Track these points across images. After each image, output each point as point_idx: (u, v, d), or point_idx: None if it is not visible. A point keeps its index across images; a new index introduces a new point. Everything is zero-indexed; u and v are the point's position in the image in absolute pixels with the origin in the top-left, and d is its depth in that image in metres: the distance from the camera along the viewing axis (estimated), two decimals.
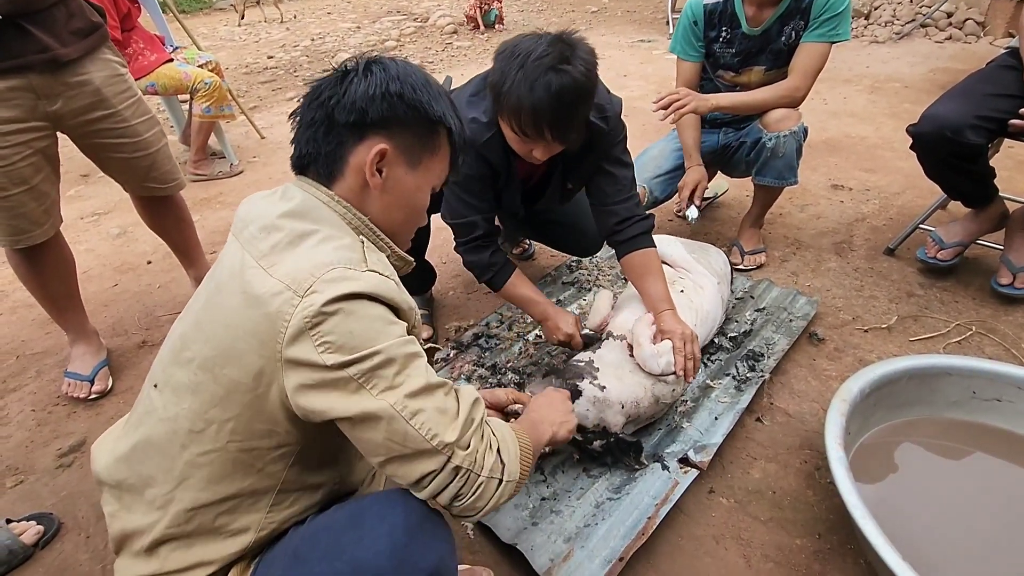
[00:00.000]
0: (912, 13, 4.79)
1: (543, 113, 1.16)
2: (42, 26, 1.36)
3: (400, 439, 0.69)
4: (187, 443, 0.74)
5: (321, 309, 0.66)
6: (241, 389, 0.71)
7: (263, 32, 7.29)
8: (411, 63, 0.84)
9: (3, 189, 1.41)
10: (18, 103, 1.37)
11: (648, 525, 1.14)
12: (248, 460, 0.75)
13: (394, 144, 0.80)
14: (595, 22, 6.28)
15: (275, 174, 3.21)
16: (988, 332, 1.67)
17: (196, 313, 0.78)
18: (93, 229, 2.71)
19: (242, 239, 0.77)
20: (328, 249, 0.73)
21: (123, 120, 1.56)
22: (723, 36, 1.84)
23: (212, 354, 0.73)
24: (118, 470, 0.79)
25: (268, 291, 0.69)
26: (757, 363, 1.54)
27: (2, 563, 1.20)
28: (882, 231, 2.20)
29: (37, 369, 1.82)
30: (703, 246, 1.74)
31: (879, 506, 1.12)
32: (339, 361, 0.67)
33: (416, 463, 0.71)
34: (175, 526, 0.75)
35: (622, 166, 1.47)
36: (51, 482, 1.43)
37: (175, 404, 0.75)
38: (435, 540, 0.72)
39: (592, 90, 1.22)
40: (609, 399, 1.24)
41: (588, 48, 1.20)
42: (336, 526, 0.73)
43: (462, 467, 0.72)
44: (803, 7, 1.71)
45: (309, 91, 0.82)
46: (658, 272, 1.44)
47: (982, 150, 1.62)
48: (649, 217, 1.50)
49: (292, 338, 0.67)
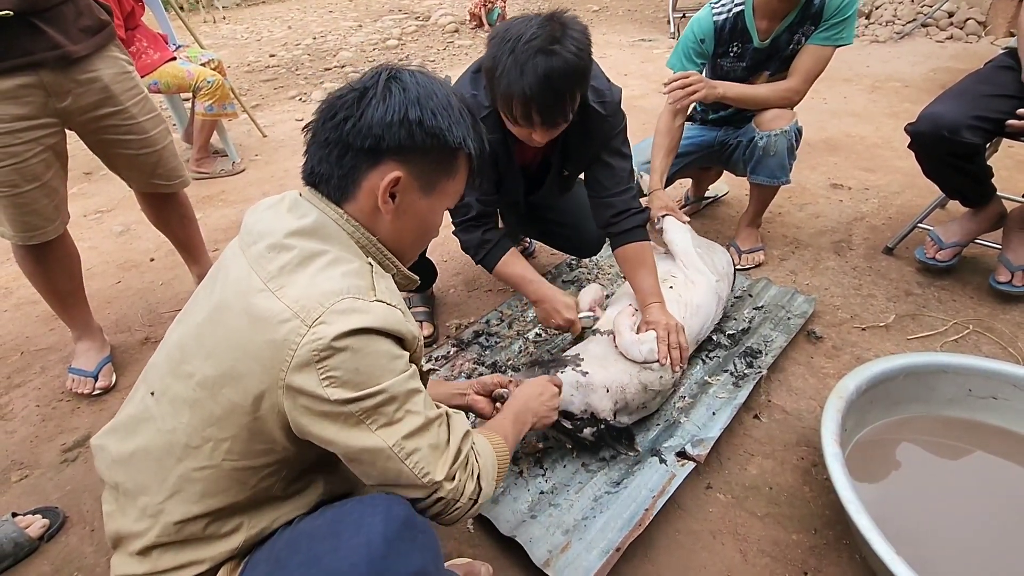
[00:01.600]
0: (913, 13, 4.79)
1: (533, 97, 1.15)
2: (52, 23, 1.38)
3: (394, 476, 0.74)
4: (183, 456, 0.75)
5: (331, 344, 0.67)
6: (239, 411, 0.72)
7: (265, 31, 7.30)
8: (432, 78, 0.82)
9: (15, 186, 1.42)
10: (29, 100, 1.38)
11: (645, 517, 1.15)
12: (242, 478, 0.75)
13: (409, 170, 0.79)
14: (596, 21, 6.28)
15: (276, 172, 3.22)
16: (985, 331, 1.68)
17: (198, 326, 0.77)
18: (96, 226, 2.73)
19: (250, 256, 0.76)
20: (337, 275, 0.73)
21: (130, 117, 1.58)
22: (733, 51, 1.84)
23: (212, 373, 0.72)
24: (116, 472, 0.80)
25: (275, 316, 0.69)
26: (755, 360, 1.55)
27: (8, 556, 1.22)
28: (881, 230, 2.21)
29: (42, 365, 1.84)
30: (710, 244, 1.75)
31: (874, 502, 1.13)
32: (343, 398, 0.68)
33: (405, 491, 0.76)
34: (165, 535, 0.75)
35: (621, 157, 1.48)
36: (56, 477, 1.44)
37: (173, 417, 0.75)
38: (415, 549, 0.69)
39: (585, 70, 1.20)
40: (593, 383, 1.25)
41: (580, 27, 1.19)
42: (316, 533, 0.73)
43: (445, 498, 0.77)
44: (813, 12, 1.71)
45: (325, 107, 0.80)
46: (650, 266, 1.46)
47: (979, 149, 1.63)
48: (645, 211, 1.52)
49: (297, 368, 0.68)
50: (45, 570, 1.23)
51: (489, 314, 1.84)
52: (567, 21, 1.17)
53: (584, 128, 1.38)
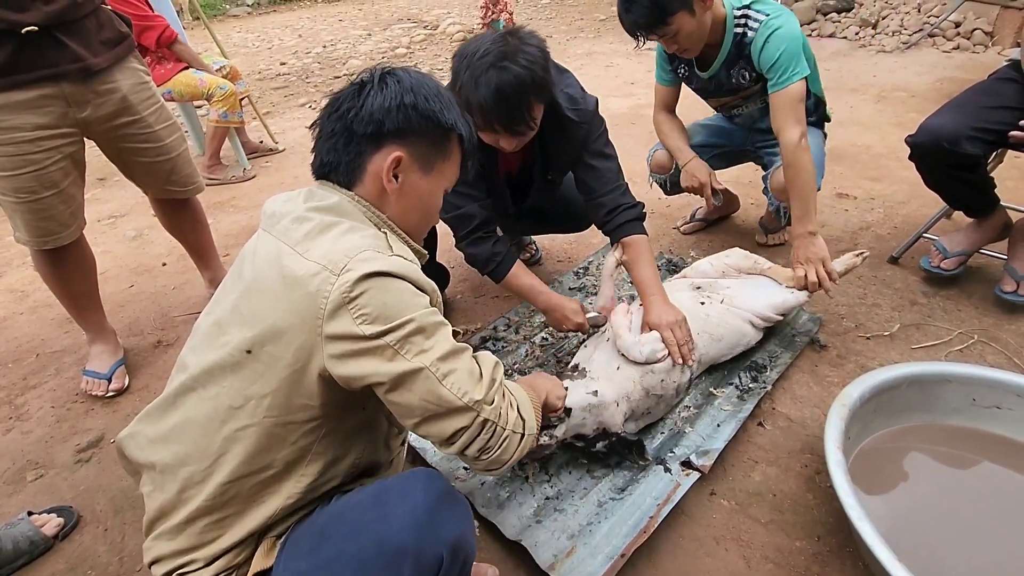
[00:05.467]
0: (920, 23, 4.79)
1: (489, 109, 1.23)
2: (75, 36, 1.43)
3: (435, 399, 0.77)
4: (226, 418, 0.79)
5: (357, 283, 0.73)
6: (281, 364, 0.77)
7: (276, 39, 7.40)
8: (423, 73, 0.91)
9: (34, 192, 1.46)
10: (50, 110, 1.43)
11: (650, 524, 1.17)
12: (282, 434, 0.80)
13: (409, 151, 0.86)
14: (603, 30, 6.33)
15: (287, 179, 3.27)
16: (990, 341, 1.68)
17: (233, 303, 0.82)
18: (110, 231, 2.78)
19: (275, 232, 0.83)
20: (356, 237, 0.80)
21: (147, 126, 1.62)
22: (681, 72, 1.90)
23: (252, 335, 0.77)
24: (154, 451, 0.83)
25: (307, 272, 0.75)
26: (760, 374, 1.56)
27: (24, 553, 1.25)
28: (886, 240, 2.21)
29: (56, 367, 1.87)
30: (783, 299, 1.61)
31: (877, 510, 1.14)
32: (376, 331, 0.74)
33: (449, 420, 0.78)
34: (211, 499, 0.79)
35: (604, 158, 1.53)
36: (70, 476, 1.47)
37: (215, 384, 0.80)
38: (453, 518, 0.77)
39: (539, 81, 1.26)
40: (604, 401, 1.26)
41: (535, 41, 1.27)
42: (361, 505, 0.78)
43: (489, 420, 0.80)
44: (744, 53, 1.70)
45: (328, 103, 0.88)
46: (647, 258, 1.50)
47: (980, 160, 1.64)
48: (637, 205, 1.55)
49: (332, 312, 0.74)
50: (59, 568, 1.25)
51: (496, 320, 1.87)
52: (523, 36, 1.27)
53: (561, 135, 1.46)
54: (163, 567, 0.81)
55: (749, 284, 1.63)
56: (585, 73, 4.68)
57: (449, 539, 0.74)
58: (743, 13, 1.67)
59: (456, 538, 0.75)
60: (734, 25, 1.68)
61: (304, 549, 0.78)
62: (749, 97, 1.86)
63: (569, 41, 5.96)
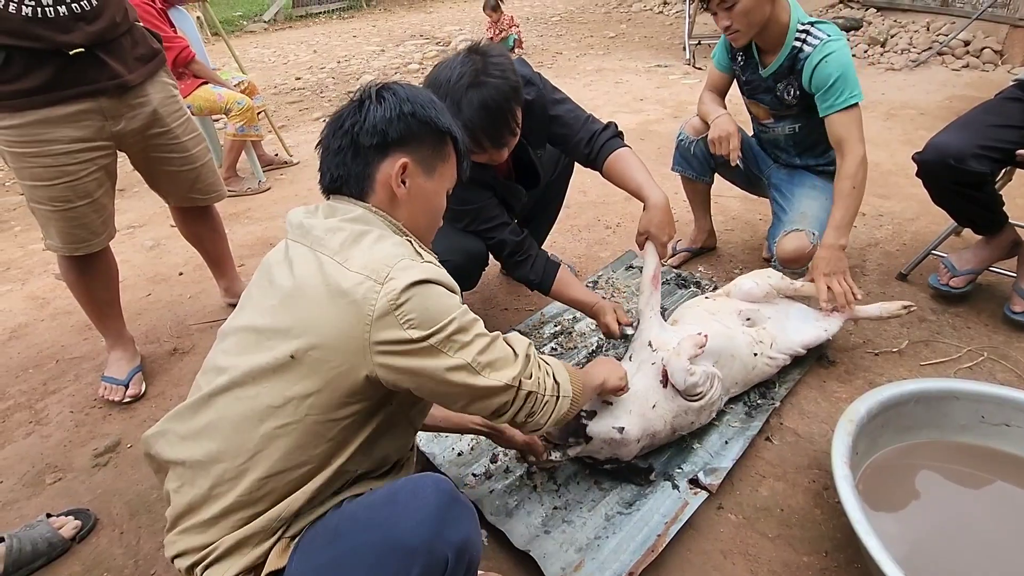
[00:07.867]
0: (929, 41, 4.82)
1: (477, 128, 1.29)
2: (113, 54, 1.50)
3: (479, 387, 0.86)
4: (264, 417, 0.82)
5: (402, 292, 0.79)
6: (327, 367, 0.81)
7: (291, 54, 7.56)
8: (414, 85, 0.98)
9: (68, 201, 1.52)
10: (87, 124, 1.49)
11: (658, 543, 1.17)
12: (322, 431, 0.83)
13: (413, 157, 0.93)
14: (612, 47, 6.41)
15: (301, 191, 3.33)
16: (1000, 358, 1.68)
17: (272, 310, 0.86)
18: (128, 241, 2.84)
19: (308, 241, 0.87)
20: (387, 246, 0.85)
21: (175, 137, 1.69)
22: (739, 60, 1.91)
23: (297, 340, 0.81)
24: (185, 449, 0.86)
25: (352, 283, 0.80)
26: (768, 390, 1.57)
27: (42, 555, 1.27)
28: (895, 256, 2.22)
29: (75, 373, 1.91)
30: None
31: (885, 525, 1.14)
32: (423, 334, 0.80)
33: (494, 399, 0.89)
34: (247, 494, 0.81)
35: (561, 104, 1.59)
36: (88, 480, 1.50)
37: (256, 385, 0.83)
38: (461, 520, 0.79)
39: (516, 86, 1.33)
40: (627, 439, 1.26)
41: (498, 49, 1.35)
42: (374, 505, 0.81)
43: (531, 391, 0.92)
44: (797, 69, 1.72)
45: (329, 122, 0.95)
46: (635, 164, 1.54)
47: (986, 178, 1.65)
48: (610, 126, 1.61)
49: (379, 318, 0.79)
50: (76, 570, 1.28)
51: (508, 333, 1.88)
52: (485, 50, 1.34)
53: (526, 115, 1.50)
54: (188, 559, 0.83)
55: (789, 316, 1.63)
56: (595, 89, 4.74)
57: (455, 541, 0.76)
58: (805, 29, 1.70)
59: (462, 540, 0.78)
60: (794, 38, 1.71)
61: (319, 546, 0.81)
62: (783, 117, 1.87)
63: (579, 58, 6.04)
